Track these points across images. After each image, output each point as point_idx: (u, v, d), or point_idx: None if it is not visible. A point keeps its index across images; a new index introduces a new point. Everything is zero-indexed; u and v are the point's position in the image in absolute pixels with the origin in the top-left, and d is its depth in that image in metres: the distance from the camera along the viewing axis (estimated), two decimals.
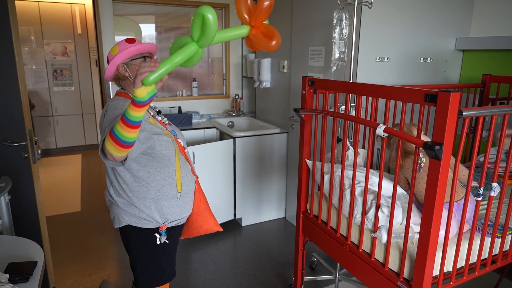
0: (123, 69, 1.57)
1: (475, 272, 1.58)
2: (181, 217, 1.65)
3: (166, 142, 1.55)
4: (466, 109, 1.27)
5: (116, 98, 1.57)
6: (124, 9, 3.76)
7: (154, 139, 1.51)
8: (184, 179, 1.62)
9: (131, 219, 1.57)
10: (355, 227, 1.71)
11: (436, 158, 1.22)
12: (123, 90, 1.64)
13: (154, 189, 1.55)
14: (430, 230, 1.30)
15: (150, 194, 1.55)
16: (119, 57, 1.54)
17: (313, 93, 1.93)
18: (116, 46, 1.57)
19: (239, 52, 4.34)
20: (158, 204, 1.57)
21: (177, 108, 3.99)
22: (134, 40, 1.57)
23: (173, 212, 1.61)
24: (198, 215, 1.73)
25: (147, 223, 1.58)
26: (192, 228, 1.76)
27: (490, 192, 1.48)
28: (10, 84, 2.08)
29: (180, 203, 1.62)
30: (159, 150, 1.52)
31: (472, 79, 2.90)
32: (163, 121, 1.65)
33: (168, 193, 1.57)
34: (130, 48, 1.54)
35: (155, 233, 1.59)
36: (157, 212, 1.57)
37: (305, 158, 2.04)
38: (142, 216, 1.56)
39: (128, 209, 1.56)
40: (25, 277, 1.39)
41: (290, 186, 3.54)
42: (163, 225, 1.59)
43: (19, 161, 2.19)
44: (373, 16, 2.47)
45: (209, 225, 1.76)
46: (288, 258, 3.00)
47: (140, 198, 1.55)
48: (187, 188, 1.64)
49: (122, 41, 1.57)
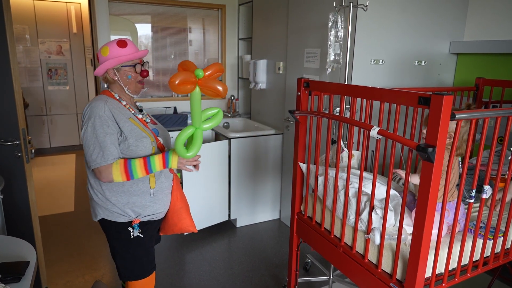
0: (112, 73, 1.61)
1: (467, 274, 1.59)
2: (154, 212, 1.68)
3: (144, 142, 1.58)
4: (458, 112, 1.29)
5: (98, 98, 1.59)
6: (120, 8, 3.75)
7: (130, 140, 1.55)
8: (159, 176, 1.66)
9: (104, 212, 1.63)
10: (348, 228, 1.72)
11: (429, 160, 1.23)
12: (108, 89, 1.67)
13: (127, 184, 1.59)
14: (422, 232, 1.31)
15: (123, 189, 1.60)
16: (110, 63, 1.56)
17: (308, 94, 1.93)
18: (107, 47, 1.57)
19: (235, 53, 4.35)
20: (131, 199, 1.61)
21: (173, 109, 3.98)
22: (125, 44, 1.58)
23: (146, 207, 1.65)
24: (174, 213, 1.77)
25: (120, 216, 1.62)
26: (168, 225, 1.80)
27: (482, 195, 1.49)
28: (3, 82, 2.07)
29: (154, 199, 1.66)
30: (134, 150, 1.56)
31: (466, 82, 2.93)
32: (144, 119, 1.68)
33: (141, 189, 1.62)
34: (121, 57, 1.57)
35: (128, 227, 1.63)
36: (129, 206, 1.61)
37: (299, 162, 2.05)
38: (114, 210, 1.61)
39: (102, 203, 1.62)
40: (17, 277, 1.38)
41: (285, 187, 3.54)
42: (135, 219, 1.63)
43: (12, 160, 2.17)
44: (368, 19, 2.49)
45: (184, 224, 1.79)
46: (283, 259, 3.00)
47: (113, 192, 1.60)
48: (162, 185, 1.68)
49: (114, 43, 1.58)
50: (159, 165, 1.55)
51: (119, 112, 1.57)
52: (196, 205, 3.21)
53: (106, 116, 1.52)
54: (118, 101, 1.62)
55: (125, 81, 1.62)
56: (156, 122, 1.79)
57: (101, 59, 1.58)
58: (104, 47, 1.59)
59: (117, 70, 1.60)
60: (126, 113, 1.61)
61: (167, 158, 1.56)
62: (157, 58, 4.07)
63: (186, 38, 4.17)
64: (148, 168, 1.53)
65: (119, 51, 1.57)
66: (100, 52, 1.59)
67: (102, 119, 1.51)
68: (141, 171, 1.53)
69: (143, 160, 1.53)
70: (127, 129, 1.56)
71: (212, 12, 4.19)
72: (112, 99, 1.61)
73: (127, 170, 1.51)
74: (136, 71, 1.63)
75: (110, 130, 1.52)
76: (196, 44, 4.24)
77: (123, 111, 1.60)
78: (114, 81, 1.63)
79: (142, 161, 1.53)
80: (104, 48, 1.58)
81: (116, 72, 1.60)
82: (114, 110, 1.56)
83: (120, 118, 1.56)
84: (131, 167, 1.51)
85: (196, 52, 4.25)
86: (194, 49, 4.24)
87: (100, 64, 1.58)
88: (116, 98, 1.63)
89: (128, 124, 1.57)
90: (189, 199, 3.12)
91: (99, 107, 1.52)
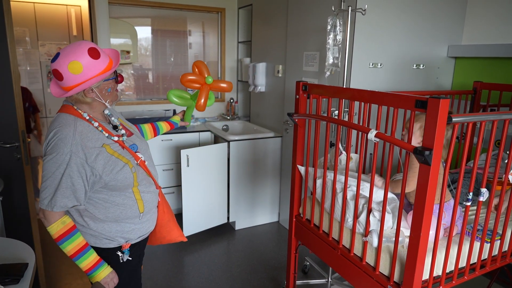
0: (89, 91, 1.33)
1: (464, 277, 1.60)
2: (144, 233, 1.55)
3: (123, 173, 1.37)
4: (455, 116, 1.30)
5: (65, 121, 1.31)
6: (120, 11, 3.77)
7: (106, 179, 1.34)
8: (146, 197, 1.49)
9: (90, 240, 1.42)
10: (346, 231, 1.73)
11: (426, 163, 1.24)
12: (72, 104, 1.36)
13: (114, 213, 1.41)
14: (419, 235, 1.32)
15: (109, 217, 1.41)
16: (91, 82, 1.29)
17: (306, 98, 1.95)
18: (78, 63, 1.24)
19: (234, 56, 4.37)
20: (119, 226, 1.44)
21: (172, 111, 3.99)
22: (98, 52, 1.29)
23: (136, 230, 1.49)
24: (162, 227, 1.64)
25: (108, 242, 1.45)
26: (156, 238, 1.68)
27: (479, 197, 1.50)
28: (3, 85, 2.08)
29: (143, 220, 1.51)
30: (114, 184, 1.37)
31: (464, 86, 2.95)
32: (121, 140, 1.42)
33: (129, 215, 1.45)
34: (105, 73, 1.31)
35: (117, 252, 1.47)
36: (118, 234, 1.45)
37: (297, 165, 2.05)
38: (102, 237, 1.43)
39: (87, 231, 1.41)
40: (15, 279, 1.38)
41: (284, 190, 3.55)
42: (126, 244, 1.48)
43: (11, 162, 2.18)
44: (367, 23, 2.50)
45: (173, 236, 1.69)
46: (281, 261, 3.00)
47: (98, 222, 1.40)
48: (150, 205, 1.52)
49: (85, 55, 1.25)
50: (87, 263, 1.36)
51: (90, 141, 1.31)
52: (195, 207, 3.21)
53: (72, 153, 1.26)
54: (88, 123, 1.35)
55: (104, 96, 1.37)
56: (131, 131, 1.55)
57: (71, 78, 1.25)
58: (72, 62, 1.23)
59: (95, 87, 1.33)
60: (98, 138, 1.34)
61: (96, 268, 1.39)
62: (157, 61, 4.08)
63: (186, 41, 4.18)
64: (79, 255, 1.35)
65: (95, 65, 1.27)
66: (67, 69, 1.24)
67: (66, 158, 1.25)
68: (73, 248, 1.33)
69: (84, 245, 1.36)
70: (100, 165, 1.31)
71: (212, 15, 4.21)
72: (81, 120, 1.33)
73: (65, 234, 1.32)
74: (116, 81, 1.41)
75: (73, 173, 1.27)
76: (195, 47, 4.26)
77: (95, 136, 1.34)
78: (86, 101, 1.35)
79: (82, 245, 1.35)
80: (73, 64, 1.24)
81: (95, 89, 1.33)
82: (84, 140, 1.29)
83: (91, 153, 1.29)
84: (70, 237, 1.33)
85: (195, 55, 4.27)
86: (194, 52, 4.26)
87: (68, 83, 1.27)
88: (86, 119, 1.35)
89: (100, 158, 1.31)
90: (188, 202, 3.15)
91: (65, 141, 1.26)
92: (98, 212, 1.40)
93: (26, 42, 5.38)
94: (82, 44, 1.28)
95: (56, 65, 1.26)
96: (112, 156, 1.35)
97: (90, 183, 1.32)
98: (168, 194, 3.65)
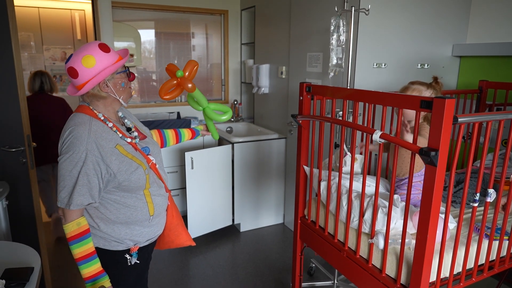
0: (103, 85, 1.36)
1: (472, 278, 1.58)
2: (152, 236, 1.56)
3: (137, 174, 1.39)
4: (461, 116, 1.28)
5: (80, 120, 1.34)
6: (124, 15, 3.78)
7: (120, 178, 1.36)
8: (157, 201, 1.50)
9: (100, 241, 1.43)
10: (352, 232, 1.72)
11: (432, 164, 1.23)
12: (87, 104, 1.40)
13: (125, 215, 1.42)
14: (426, 236, 1.30)
15: (120, 220, 1.42)
16: (104, 74, 1.32)
17: (310, 99, 1.94)
18: (91, 57, 1.29)
19: (237, 58, 4.37)
20: (128, 229, 1.45)
21: (176, 114, 4.00)
22: (107, 46, 1.36)
23: (145, 233, 1.51)
24: (170, 231, 1.64)
25: (117, 245, 1.46)
26: (164, 242, 1.68)
27: (486, 198, 1.48)
28: (9, 89, 2.09)
29: (153, 224, 1.52)
30: (127, 185, 1.38)
31: (469, 85, 2.92)
32: (134, 142, 1.45)
33: (139, 218, 1.46)
34: (116, 64, 1.34)
35: (126, 254, 1.48)
36: (127, 237, 1.46)
37: (302, 164, 2.04)
38: (111, 239, 1.45)
39: (97, 232, 1.43)
40: (21, 283, 1.38)
41: (289, 192, 3.54)
42: (134, 247, 1.49)
43: (17, 166, 2.19)
44: (370, 23, 2.49)
45: (181, 240, 1.68)
46: (287, 264, 2.99)
47: (108, 223, 1.41)
48: (160, 209, 1.53)
49: (96, 49, 1.31)
50: (89, 271, 1.36)
51: (104, 140, 1.33)
52: (199, 210, 3.21)
53: (88, 152, 1.28)
54: (103, 123, 1.37)
55: (119, 91, 1.40)
56: (144, 134, 1.57)
57: (85, 72, 1.30)
58: (86, 56, 1.29)
59: (109, 80, 1.36)
60: (113, 139, 1.36)
61: (96, 278, 1.38)
62: (161, 63, 4.09)
63: (189, 43, 4.19)
64: (84, 261, 1.35)
65: (107, 58, 1.32)
66: (81, 64, 1.29)
67: (82, 156, 1.27)
68: (80, 252, 1.34)
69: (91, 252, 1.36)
70: (115, 165, 1.33)
71: (215, 18, 4.22)
72: (96, 120, 1.35)
73: (77, 236, 1.33)
74: (128, 75, 1.44)
75: (90, 170, 1.29)
76: (199, 49, 4.27)
77: (109, 136, 1.36)
78: (101, 96, 1.38)
79: (90, 251, 1.36)
80: (87, 58, 1.29)
81: (108, 83, 1.35)
82: (99, 139, 1.31)
83: (106, 152, 1.32)
84: (81, 240, 1.33)
85: (199, 57, 4.27)
86: (197, 54, 4.26)
87: (84, 79, 1.31)
88: (101, 119, 1.37)
89: (115, 158, 1.33)
90: (193, 204, 3.15)
91: (81, 139, 1.28)
92: (110, 213, 1.41)
93: (31, 46, 5.43)
94: (92, 42, 1.35)
95: (71, 63, 1.31)
96: (125, 157, 1.37)
97: (105, 181, 1.34)
98: (173, 196, 3.66)
